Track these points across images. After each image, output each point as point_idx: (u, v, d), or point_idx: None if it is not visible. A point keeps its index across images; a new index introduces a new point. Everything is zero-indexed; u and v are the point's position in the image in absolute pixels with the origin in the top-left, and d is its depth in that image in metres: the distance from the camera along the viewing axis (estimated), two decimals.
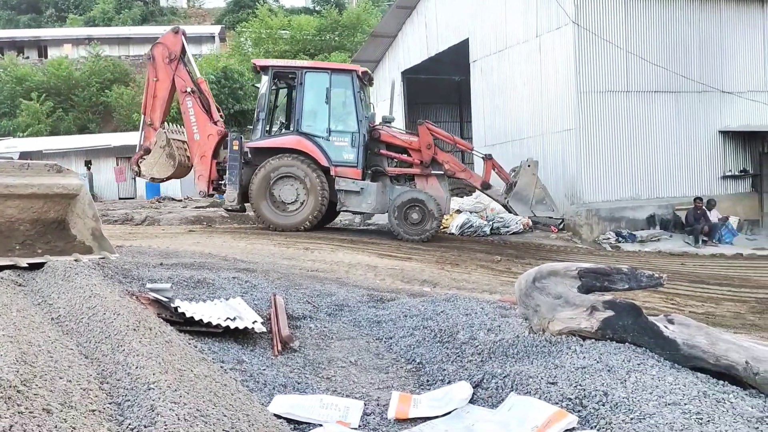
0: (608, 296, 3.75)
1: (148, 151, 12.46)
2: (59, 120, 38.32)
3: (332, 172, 11.69)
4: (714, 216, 14.22)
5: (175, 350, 3.22)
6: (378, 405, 3.28)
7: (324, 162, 11.68)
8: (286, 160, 11.64)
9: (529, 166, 11.79)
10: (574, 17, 14.14)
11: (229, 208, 12.30)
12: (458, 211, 15.39)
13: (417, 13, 21.14)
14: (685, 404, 2.68)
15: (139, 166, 12.65)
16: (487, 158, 12.23)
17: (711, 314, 6.82)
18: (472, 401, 3.22)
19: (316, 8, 52.01)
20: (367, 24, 43.75)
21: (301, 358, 3.98)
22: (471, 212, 14.50)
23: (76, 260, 4.87)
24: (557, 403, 2.89)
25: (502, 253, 11.03)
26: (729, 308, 7.23)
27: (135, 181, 31.10)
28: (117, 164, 31.22)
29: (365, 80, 12.40)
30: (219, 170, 12.37)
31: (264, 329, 4.21)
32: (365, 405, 3.26)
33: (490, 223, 14.55)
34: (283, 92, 13.19)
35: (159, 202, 25.45)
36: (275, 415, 2.98)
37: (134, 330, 3.26)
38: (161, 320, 3.81)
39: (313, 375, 3.72)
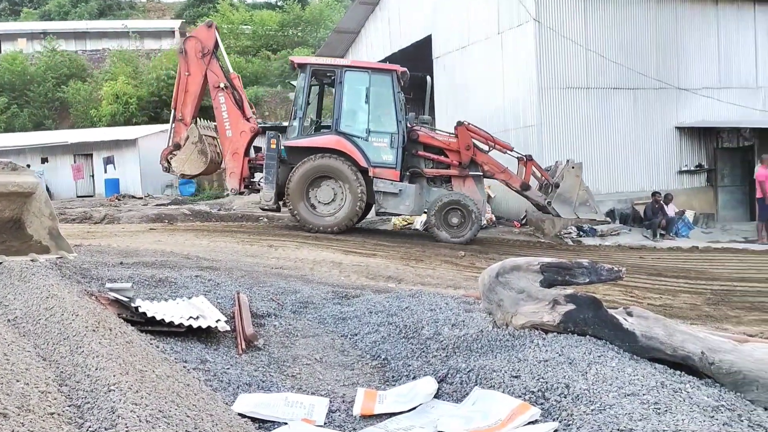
0: (570, 290, 3.82)
1: (177, 147, 12.15)
2: (14, 116, 37.20)
3: (370, 173, 11.48)
4: (671, 210, 14.57)
5: (136, 351, 3.17)
6: (343, 402, 3.28)
7: (363, 163, 11.47)
8: (325, 160, 11.39)
9: (573, 168, 11.69)
10: (535, 15, 14.31)
11: (266, 207, 12.00)
12: None
13: (380, 9, 21.14)
14: (644, 395, 2.74)
15: (168, 162, 12.31)
16: (528, 159, 12.04)
17: (668, 306, 6.99)
18: (437, 396, 3.25)
19: (279, 3, 51.52)
20: (330, 19, 43.52)
21: (265, 356, 3.96)
22: None
23: (32, 260, 4.76)
24: (520, 396, 2.94)
25: (465, 248, 11.11)
26: (685, 300, 7.42)
27: (93, 178, 30.46)
28: (74, 161, 30.48)
29: (403, 80, 12.13)
30: (251, 168, 12.13)
31: (228, 328, 4.17)
32: (331, 402, 3.26)
33: None
34: (314, 90, 12.80)
35: (118, 200, 24.98)
36: (239, 414, 2.96)
37: (93, 331, 3.19)
38: (121, 320, 3.74)
39: (278, 373, 3.70)
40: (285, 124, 20.55)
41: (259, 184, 12.18)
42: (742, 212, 16.43)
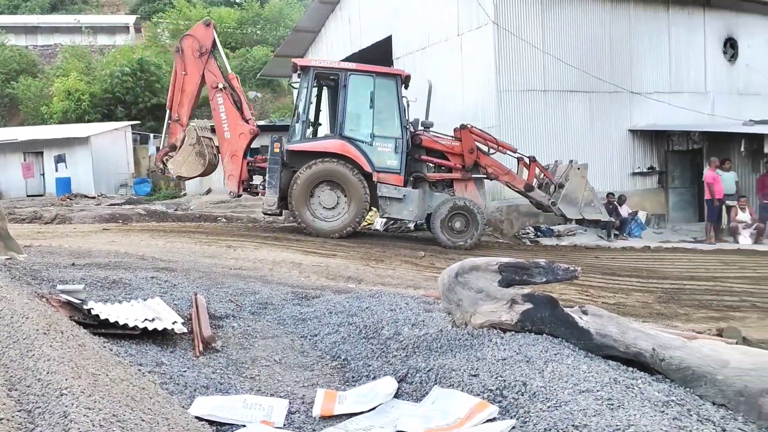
0: (527, 289, 3.88)
1: (173, 148, 11.83)
2: None
3: (375, 179, 11.34)
4: (624, 211, 14.92)
5: (89, 354, 3.10)
6: (303, 403, 3.27)
7: (367, 168, 11.31)
8: (329, 164, 11.20)
9: (578, 168, 11.74)
10: (494, 18, 14.48)
11: (269, 212, 11.79)
12: None
13: (340, 9, 21.09)
14: (598, 391, 2.80)
15: (164, 164, 11.96)
16: (532, 160, 12.05)
17: (622, 304, 7.16)
18: (397, 396, 3.26)
19: (237, 0, 50.99)
20: (289, 18, 43.29)
21: (223, 358, 3.91)
22: None
23: None
24: (479, 395, 2.97)
25: (426, 248, 11.18)
26: (638, 298, 7.61)
27: (43, 177, 29.60)
28: (24, 159, 29.57)
29: (406, 84, 12.01)
30: (249, 170, 11.87)
31: (185, 330, 4.10)
32: (290, 403, 3.24)
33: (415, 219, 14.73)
34: (313, 92, 12.44)
35: (70, 199, 24.34)
36: (197, 417, 2.92)
37: (44, 334, 3.11)
38: (74, 323, 3.65)
39: (237, 375, 3.66)
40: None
41: (257, 187, 11.95)
42: (691, 213, 16.95)
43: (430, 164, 11.92)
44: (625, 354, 3.36)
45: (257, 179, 12.08)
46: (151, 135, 32.64)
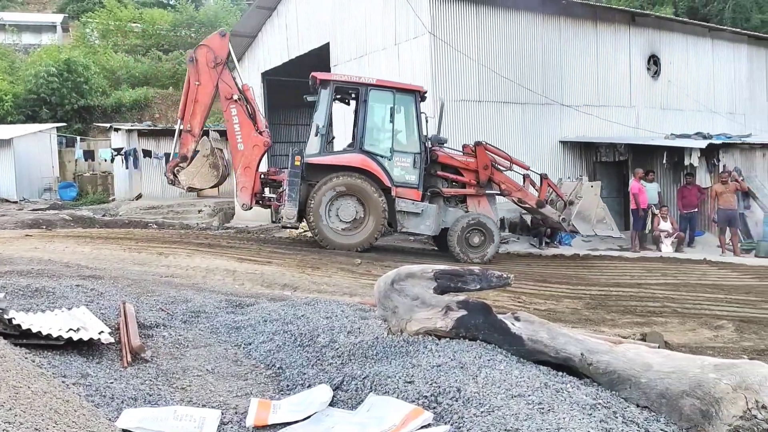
0: (462, 296, 3.94)
1: (184, 159, 11.53)
2: None
3: (393, 193, 11.36)
4: None
5: (9, 365, 2.95)
6: (236, 413, 3.21)
7: (387, 182, 11.34)
8: (349, 179, 11.17)
9: (591, 186, 11.96)
10: (430, 28, 14.69)
11: (288, 225, 11.64)
12: None
13: (277, 15, 20.94)
14: (529, 395, 2.87)
15: (175, 175, 11.61)
16: (543, 177, 12.28)
17: (552, 311, 7.36)
18: (332, 404, 3.24)
19: (171, 2, 49.85)
20: (225, 22, 42.57)
21: (153, 368, 3.79)
22: None
23: None
24: (414, 401, 2.99)
25: (362, 256, 11.19)
26: (568, 305, 7.83)
27: None
28: None
29: (423, 99, 12.06)
30: (262, 182, 11.70)
31: (112, 340, 3.97)
32: (223, 414, 3.17)
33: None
34: (333, 106, 12.28)
35: None
36: (124, 430, 2.83)
37: None
38: None
39: (167, 386, 3.56)
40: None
41: (270, 200, 11.86)
42: (618, 222, 17.57)
43: (445, 180, 12.07)
44: (555, 359, 3.46)
45: (269, 192, 12.11)
46: (78, 138, 31.46)
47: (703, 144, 14.96)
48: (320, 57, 18.74)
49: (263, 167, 12.40)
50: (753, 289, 9.54)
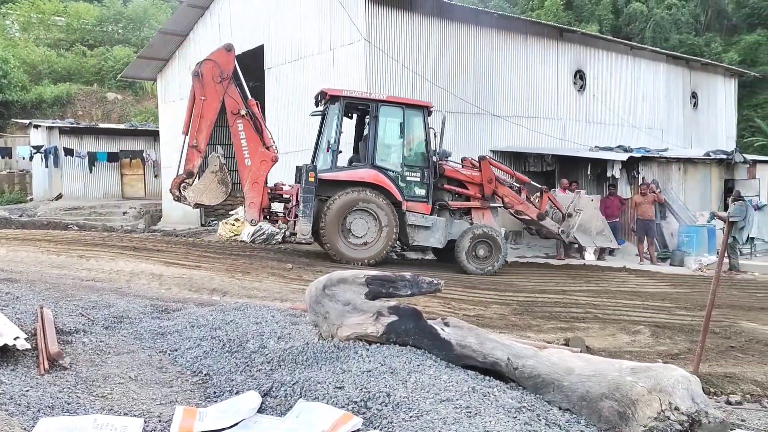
0: (393, 302, 3.97)
1: (190, 175, 11.19)
2: None
3: (404, 207, 11.53)
4: None
5: None
6: (160, 421, 3.12)
7: (398, 197, 11.51)
8: (363, 194, 11.29)
9: (591, 200, 12.26)
10: (365, 35, 14.76)
11: (302, 241, 11.53)
12: None
13: (210, 14, 20.55)
14: (457, 400, 2.93)
15: (180, 191, 11.22)
16: (544, 191, 12.54)
17: (481, 316, 7.51)
18: (260, 410, 3.20)
19: None
20: (155, 19, 41.46)
21: (72, 376, 3.64)
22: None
23: None
24: (344, 407, 2.99)
25: (294, 260, 11.10)
26: (496, 310, 8.01)
27: None
28: None
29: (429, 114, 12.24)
30: (270, 197, 11.57)
31: (28, 346, 3.78)
32: (145, 422, 3.08)
33: (282, 231, 14.60)
34: (344, 121, 12.25)
35: None
36: None
37: None
38: None
39: (87, 394, 3.42)
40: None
41: (277, 215, 11.85)
42: None
43: (451, 193, 12.28)
44: (483, 364, 3.53)
45: (276, 206, 12.04)
46: None
47: (624, 157, 15.64)
48: (254, 59, 18.52)
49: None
50: (668, 296, 10.04)
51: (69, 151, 25.09)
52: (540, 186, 12.89)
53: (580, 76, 19.54)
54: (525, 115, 17.80)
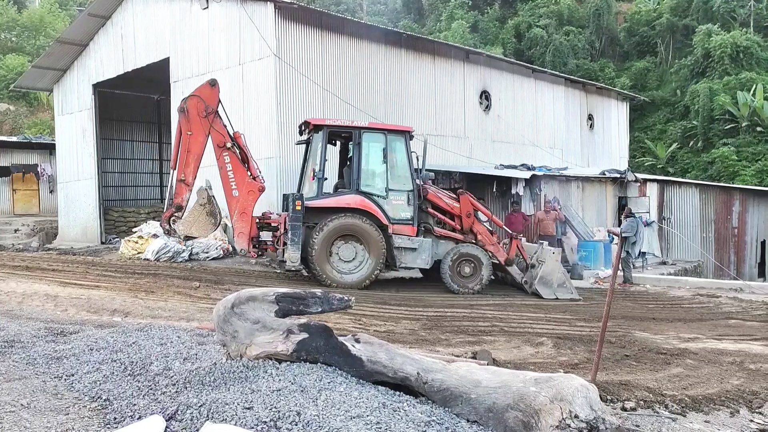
0: (304, 319, 3.95)
1: (179, 208, 11.02)
2: None
3: (390, 231, 11.66)
4: None
5: None
6: None
7: (384, 221, 11.65)
8: (349, 219, 11.46)
9: (553, 253, 12.23)
10: (275, 51, 14.68)
11: (292, 269, 11.73)
12: (155, 236, 14.67)
13: (112, 24, 19.81)
14: (368, 416, 2.94)
15: (170, 225, 10.99)
16: (514, 238, 12.57)
17: (392, 332, 7.56)
18: None
19: None
20: (52, 27, 39.51)
21: None
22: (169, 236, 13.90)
23: None
24: (253, 428, 2.93)
25: (201, 279, 10.79)
26: (406, 326, 8.09)
27: None
28: None
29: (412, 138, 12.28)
30: (258, 227, 11.71)
31: None
32: None
33: (189, 248, 14.18)
34: (327, 149, 12.27)
35: None
36: None
37: None
38: None
39: None
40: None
41: (266, 244, 11.82)
42: None
43: (434, 217, 12.33)
44: (393, 379, 3.56)
45: (264, 235, 11.96)
46: None
47: (527, 175, 16.31)
48: (160, 71, 18.00)
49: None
50: (568, 308, 10.51)
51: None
52: (511, 231, 13.17)
53: (485, 96, 20.25)
54: (433, 133, 18.21)
